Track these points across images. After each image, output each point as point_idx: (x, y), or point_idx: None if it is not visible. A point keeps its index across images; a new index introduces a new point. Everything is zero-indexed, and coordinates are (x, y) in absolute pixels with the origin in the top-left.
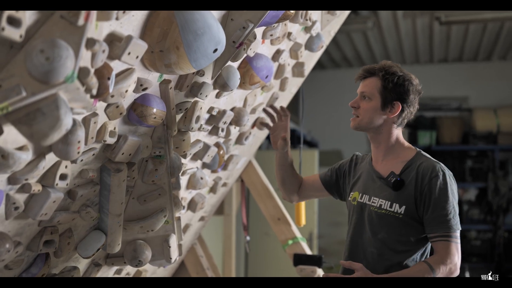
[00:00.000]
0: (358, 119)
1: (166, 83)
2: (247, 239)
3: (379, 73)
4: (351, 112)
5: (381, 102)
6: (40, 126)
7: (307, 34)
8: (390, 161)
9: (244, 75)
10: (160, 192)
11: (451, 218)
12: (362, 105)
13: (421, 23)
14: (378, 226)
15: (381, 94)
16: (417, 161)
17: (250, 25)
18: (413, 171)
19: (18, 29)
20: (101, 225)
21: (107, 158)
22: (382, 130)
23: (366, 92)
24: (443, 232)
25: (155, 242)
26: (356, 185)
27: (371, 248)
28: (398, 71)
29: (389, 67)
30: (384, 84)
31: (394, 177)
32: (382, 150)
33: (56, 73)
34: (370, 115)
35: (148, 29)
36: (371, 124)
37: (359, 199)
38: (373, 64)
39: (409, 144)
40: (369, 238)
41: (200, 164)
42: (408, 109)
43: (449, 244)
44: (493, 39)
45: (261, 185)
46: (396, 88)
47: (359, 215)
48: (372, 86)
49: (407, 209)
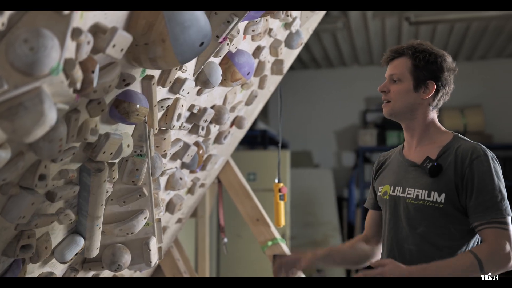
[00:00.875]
0: (391, 104)
1: (148, 79)
2: (224, 241)
3: (408, 51)
4: (320, 113)
5: (414, 83)
6: (23, 121)
7: (287, 31)
8: (425, 147)
9: (225, 71)
10: (141, 193)
11: (499, 202)
12: (393, 88)
13: (390, 23)
14: (416, 219)
15: (413, 74)
16: (455, 144)
17: (234, 19)
18: (451, 155)
19: (0, 16)
20: (79, 228)
21: (87, 157)
22: (417, 114)
23: (396, 74)
24: (491, 219)
25: (135, 245)
26: (384, 178)
27: (409, 245)
28: (429, 48)
29: (419, 44)
30: (415, 63)
31: (431, 162)
32: (417, 136)
33: (40, 64)
34: (403, 98)
35: (133, 21)
36: (406, 108)
37: (391, 192)
38: (400, 45)
39: (445, 128)
40: (407, 234)
41: (179, 164)
42: (443, 88)
43: (498, 231)
44: (459, 40)
45: (239, 185)
46: (429, 66)
47: (393, 210)
48: (402, 67)
49: (447, 197)
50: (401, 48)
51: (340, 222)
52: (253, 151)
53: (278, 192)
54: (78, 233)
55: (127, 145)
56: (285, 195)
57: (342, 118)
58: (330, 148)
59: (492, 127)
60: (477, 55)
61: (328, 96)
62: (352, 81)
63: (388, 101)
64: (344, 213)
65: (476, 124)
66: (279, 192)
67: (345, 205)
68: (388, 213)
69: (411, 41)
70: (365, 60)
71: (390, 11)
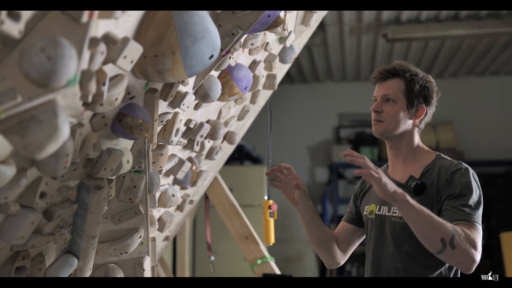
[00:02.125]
0: (384, 124)
1: (152, 92)
2: (211, 259)
3: (404, 74)
4: (293, 128)
5: (406, 105)
6: (35, 136)
7: (280, 45)
8: (409, 166)
9: (223, 85)
10: (137, 211)
11: (473, 209)
12: (386, 109)
13: (366, 40)
14: (402, 238)
15: (406, 96)
16: (438, 163)
17: (239, 31)
18: (434, 173)
19: (17, 23)
20: (73, 248)
21: (86, 174)
22: (405, 135)
23: (391, 95)
24: (465, 220)
25: (128, 265)
26: (370, 197)
27: (395, 263)
28: (418, 71)
29: (408, 67)
30: (409, 86)
31: (414, 181)
32: (403, 156)
33: (58, 75)
34: (396, 119)
35: (142, 31)
36: (398, 129)
37: (377, 211)
38: (388, 65)
39: (428, 148)
40: (392, 253)
41: (171, 180)
42: (430, 111)
43: (474, 231)
44: (432, 58)
45: (227, 202)
46: (422, 91)
47: (379, 229)
48: (396, 88)
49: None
50: (395, 69)
51: None
52: (230, 166)
53: (268, 209)
54: (71, 253)
55: (127, 161)
56: (275, 212)
57: (315, 133)
58: (304, 164)
59: (463, 143)
60: (448, 73)
61: (301, 111)
62: (326, 97)
63: (380, 120)
64: None
65: (447, 140)
66: (269, 209)
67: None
68: (374, 232)
69: (399, 62)
70: (338, 76)
71: (367, 28)
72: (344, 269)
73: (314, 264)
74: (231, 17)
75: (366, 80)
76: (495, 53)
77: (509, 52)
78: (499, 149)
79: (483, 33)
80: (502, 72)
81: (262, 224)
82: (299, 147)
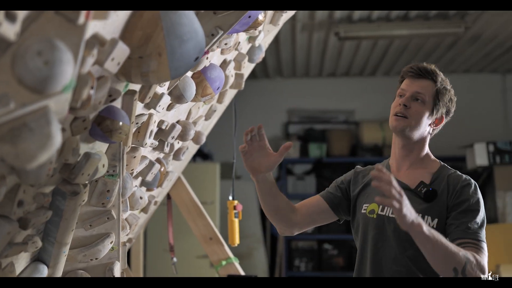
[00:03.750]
0: (407, 120)
1: (131, 94)
2: (174, 261)
3: (437, 79)
4: (242, 124)
5: (431, 110)
6: (27, 145)
7: (249, 44)
8: (416, 170)
9: (197, 86)
10: (109, 215)
11: (479, 230)
12: (414, 107)
13: (317, 37)
14: (408, 241)
15: (434, 102)
16: (445, 172)
17: (219, 32)
18: (443, 181)
19: (13, 25)
20: (42, 255)
21: (61, 179)
22: (420, 139)
23: (422, 94)
24: (473, 240)
25: (97, 271)
26: (371, 196)
27: (398, 266)
28: (448, 82)
29: (441, 75)
30: (439, 94)
31: (425, 187)
32: (411, 159)
33: (54, 80)
34: (421, 120)
35: (128, 32)
36: (419, 130)
37: (380, 211)
38: (425, 64)
39: (434, 157)
40: (395, 256)
41: (139, 182)
42: (444, 123)
43: (481, 254)
44: (380, 56)
45: (191, 203)
46: (448, 103)
47: (381, 230)
48: (428, 90)
49: (439, 222)
50: (432, 72)
51: (264, 234)
52: None
53: (233, 210)
54: (41, 261)
55: (103, 165)
56: (240, 212)
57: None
58: None
59: None
60: (394, 71)
61: (250, 107)
62: (275, 93)
63: (405, 116)
64: (267, 224)
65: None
66: (234, 209)
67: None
68: (375, 232)
69: (434, 66)
70: (288, 73)
71: (319, 26)
72: (293, 264)
73: (264, 261)
74: (211, 17)
75: (315, 77)
76: (440, 52)
77: (454, 52)
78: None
79: (430, 33)
80: (446, 71)
81: (216, 222)
82: None
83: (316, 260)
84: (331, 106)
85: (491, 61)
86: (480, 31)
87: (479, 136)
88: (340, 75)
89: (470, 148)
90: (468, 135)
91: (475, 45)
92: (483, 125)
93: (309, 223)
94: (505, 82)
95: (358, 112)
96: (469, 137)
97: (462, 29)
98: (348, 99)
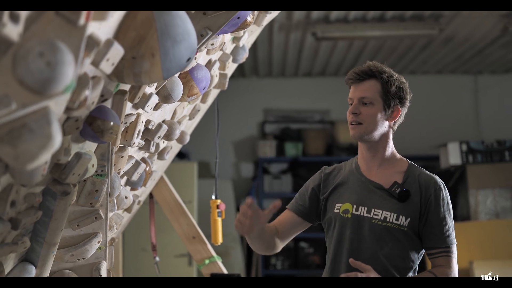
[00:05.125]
0: (363, 127)
1: (121, 94)
2: (156, 260)
3: (380, 75)
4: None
5: (383, 107)
6: (28, 146)
7: (233, 45)
8: (386, 170)
9: (184, 86)
10: (97, 215)
11: (452, 232)
12: (364, 111)
13: (294, 37)
14: (383, 240)
15: (383, 98)
16: (415, 171)
17: (208, 32)
18: (414, 182)
19: (16, 26)
20: (30, 255)
21: (51, 179)
22: (382, 137)
23: (368, 97)
24: (446, 247)
25: (84, 270)
26: (343, 196)
27: (374, 265)
28: (393, 72)
29: (383, 68)
30: (386, 88)
31: (399, 188)
32: (379, 159)
33: (56, 81)
34: (375, 121)
35: (122, 33)
36: (377, 131)
37: (354, 211)
38: (363, 65)
39: (399, 154)
40: (371, 255)
41: (124, 181)
42: (403, 113)
43: (451, 260)
44: (355, 57)
45: (174, 202)
46: (398, 92)
47: (356, 230)
48: (373, 90)
49: (411, 222)
50: (371, 71)
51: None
52: None
53: (215, 209)
54: (28, 261)
55: (92, 165)
56: (222, 211)
57: (240, 129)
58: (229, 159)
59: None
60: None
61: (226, 106)
62: (251, 92)
63: (358, 123)
64: None
65: None
66: (217, 208)
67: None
68: (350, 232)
69: (373, 63)
70: (264, 72)
71: (296, 26)
72: (270, 263)
73: (240, 260)
74: (201, 17)
75: (291, 76)
76: (414, 53)
77: (427, 53)
78: (420, 146)
79: (405, 35)
80: (419, 71)
81: (195, 220)
82: (225, 143)
83: (293, 259)
84: (307, 105)
85: (463, 62)
86: (454, 33)
87: (452, 136)
88: (315, 75)
89: (444, 148)
90: (441, 135)
91: (448, 47)
92: (455, 125)
93: (288, 238)
94: (476, 83)
95: (333, 111)
96: (442, 137)
97: (436, 31)
98: (323, 98)
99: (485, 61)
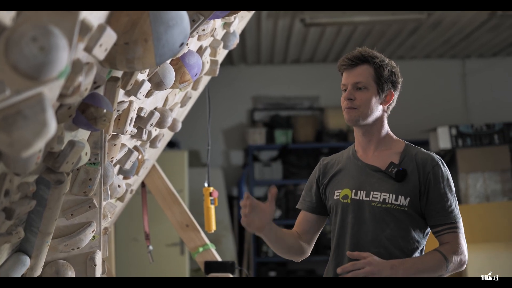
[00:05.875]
0: (358, 111)
1: (114, 81)
2: (149, 249)
3: (373, 60)
4: (206, 111)
5: (377, 91)
6: (22, 133)
7: (223, 31)
8: (382, 152)
9: (175, 72)
10: (90, 204)
11: (455, 208)
12: (359, 96)
13: (282, 24)
14: (384, 222)
15: (376, 82)
16: (412, 151)
17: (200, 18)
18: (411, 161)
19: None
20: (24, 246)
21: (45, 168)
22: (377, 121)
23: (362, 82)
24: (451, 223)
25: (78, 260)
26: (342, 182)
27: (377, 248)
28: (384, 57)
29: (374, 53)
30: (379, 72)
31: (395, 168)
32: (375, 142)
33: (51, 66)
34: (369, 106)
35: (114, 18)
36: (372, 116)
37: (353, 196)
38: (354, 51)
39: (394, 135)
40: (373, 238)
41: (117, 170)
42: (396, 97)
43: (458, 235)
44: (344, 42)
45: (166, 191)
46: (390, 76)
47: (357, 214)
48: (366, 75)
49: (411, 201)
50: (363, 56)
51: (231, 221)
52: None
53: (208, 196)
54: (22, 251)
55: (85, 153)
56: (215, 199)
57: (230, 116)
58: (219, 147)
59: None
60: None
61: (215, 94)
62: (239, 80)
63: (353, 108)
64: (234, 212)
65: None
66: (210, 196)
67: (236, 204)
68: (351, 217)
69: (364, 48)
70: (252, 59)
71: (284, 12)
72: (261, 250)
73: (232, 248)
74: None
75: (280, 63)
76: (402, 38)
77: (415, 38)
78: (409, 130)
79: (393, 20)
80: (407, 56)
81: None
82: (214, 131)
83: None
84: (296, 92)
85: (452, 46)
86: (442, 17)
87: (441, 120)
88: (304, 61)
89: (433, 132)
90: (430, 120)
91: (436, 31)
92: (444, 110)
93: (312, 239)
94: (464, 67)
95: (322, 98)
96: (432, 121)
97: (424, 15)
98: (312, 85)
99: (473, 45)
